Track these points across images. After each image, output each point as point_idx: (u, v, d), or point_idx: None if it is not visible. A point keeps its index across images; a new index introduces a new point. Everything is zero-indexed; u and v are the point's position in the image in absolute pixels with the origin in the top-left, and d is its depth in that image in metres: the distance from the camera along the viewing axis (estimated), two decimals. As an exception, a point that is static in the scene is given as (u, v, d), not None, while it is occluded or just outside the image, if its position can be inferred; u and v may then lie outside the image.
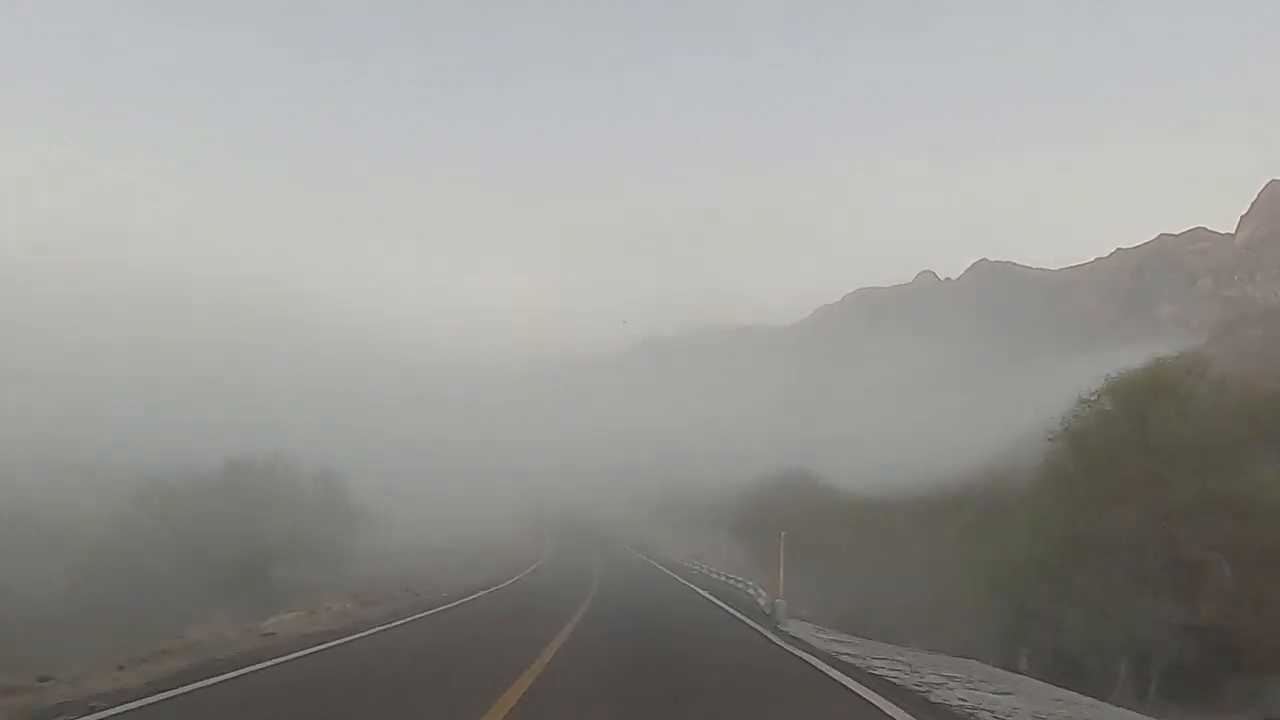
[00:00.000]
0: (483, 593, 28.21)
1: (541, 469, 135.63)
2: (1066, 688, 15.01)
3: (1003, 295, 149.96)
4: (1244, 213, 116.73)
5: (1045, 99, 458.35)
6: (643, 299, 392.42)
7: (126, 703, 8.33)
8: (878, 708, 8.95)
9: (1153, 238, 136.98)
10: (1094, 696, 15.09)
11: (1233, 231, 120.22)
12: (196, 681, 9.70)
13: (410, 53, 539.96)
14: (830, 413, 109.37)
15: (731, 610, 23.21)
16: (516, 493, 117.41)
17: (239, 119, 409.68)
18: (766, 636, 17.08)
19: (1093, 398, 29.43)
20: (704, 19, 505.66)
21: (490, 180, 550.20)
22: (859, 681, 10.93)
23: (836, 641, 17.20)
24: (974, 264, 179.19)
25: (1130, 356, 32.41)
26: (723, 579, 32.27)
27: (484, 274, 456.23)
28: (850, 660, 13.42)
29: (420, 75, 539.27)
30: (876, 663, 13.21)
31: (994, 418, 65.07)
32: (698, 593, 30.19)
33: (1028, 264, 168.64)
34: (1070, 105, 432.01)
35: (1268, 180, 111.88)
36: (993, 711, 9.17)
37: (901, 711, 8.67)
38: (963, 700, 9.89)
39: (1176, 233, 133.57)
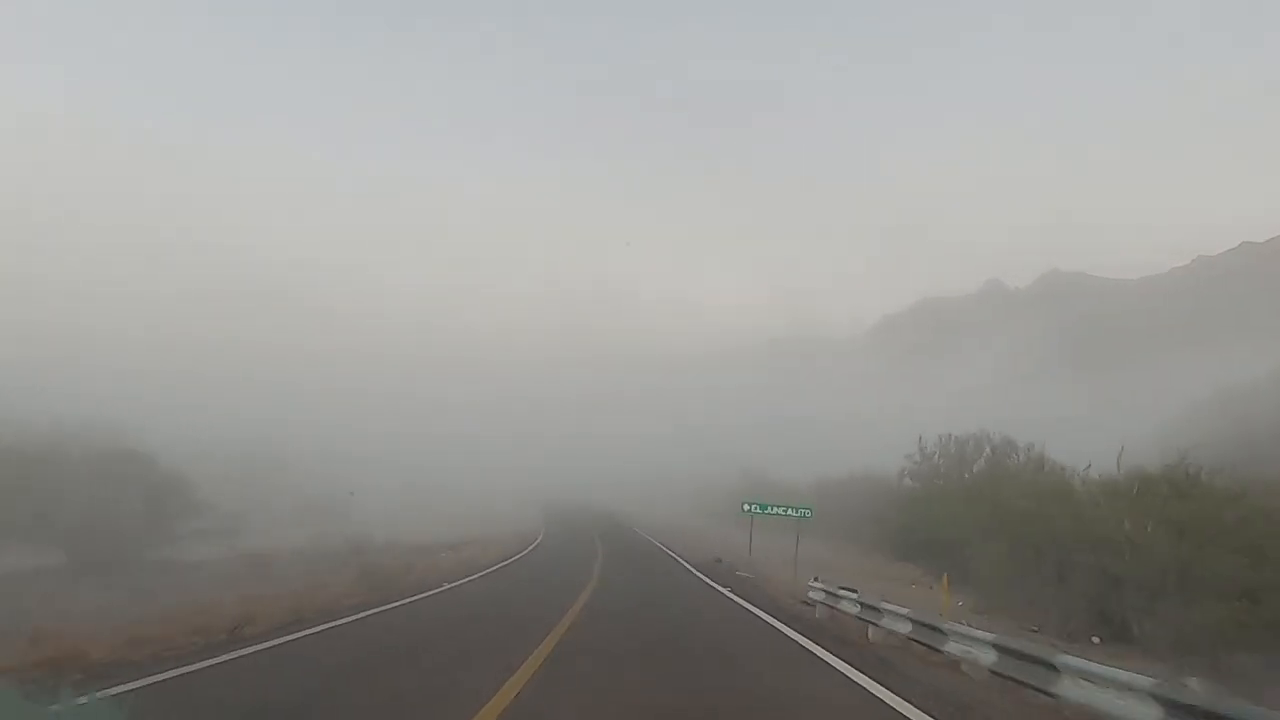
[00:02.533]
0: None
1: (590, 469, 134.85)
2: None
3: (1076, 304, 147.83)
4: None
5: (1114, 104, 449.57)
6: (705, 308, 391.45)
7: None
8: None
9: (1235, 245, 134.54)
10: None
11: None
12: None
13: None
14: (900, 419, 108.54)
15: None
16: (555, 490, 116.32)
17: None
18: None
19: None
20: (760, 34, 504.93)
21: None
22: None
23: None
24: (1044, 273, 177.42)
25: (1235, 360, 29.83)
26: None
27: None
28: None
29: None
30: None
31: (1092, 421, 65.16)
32: None
33: (1101, 273, 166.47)
34: (1140, 110, 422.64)
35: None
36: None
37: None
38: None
39: (1260, 240, 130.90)
